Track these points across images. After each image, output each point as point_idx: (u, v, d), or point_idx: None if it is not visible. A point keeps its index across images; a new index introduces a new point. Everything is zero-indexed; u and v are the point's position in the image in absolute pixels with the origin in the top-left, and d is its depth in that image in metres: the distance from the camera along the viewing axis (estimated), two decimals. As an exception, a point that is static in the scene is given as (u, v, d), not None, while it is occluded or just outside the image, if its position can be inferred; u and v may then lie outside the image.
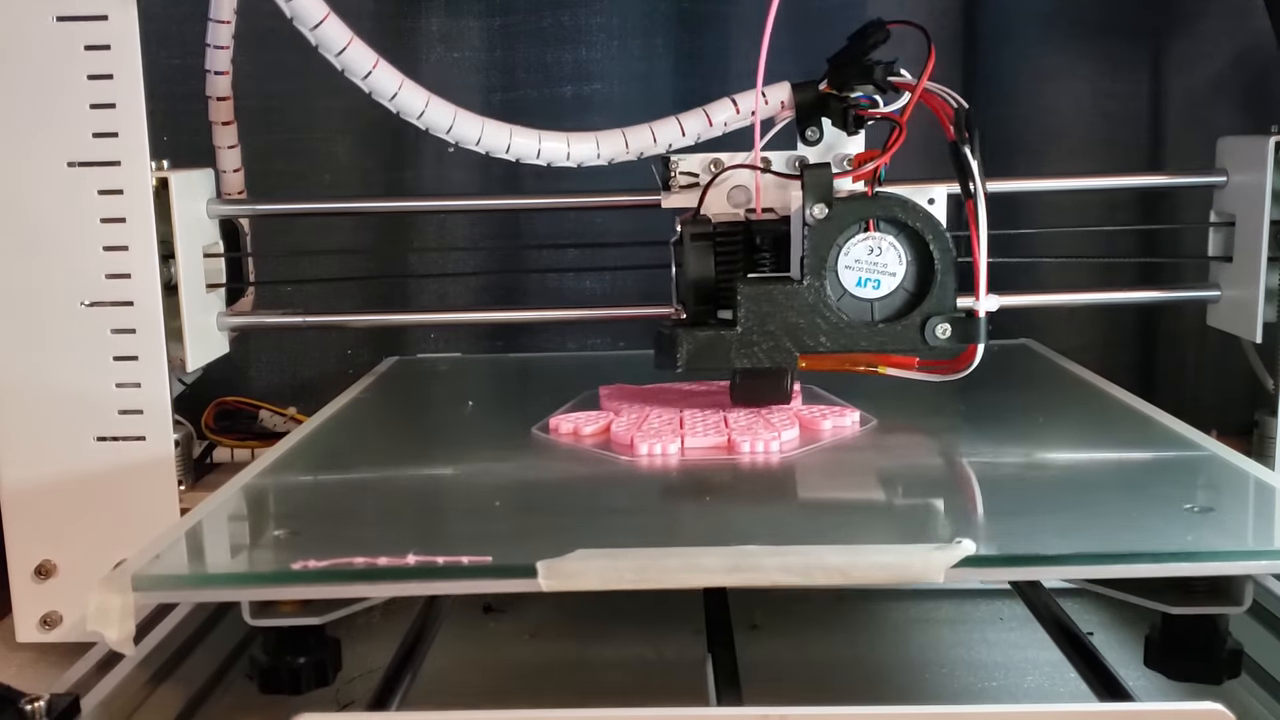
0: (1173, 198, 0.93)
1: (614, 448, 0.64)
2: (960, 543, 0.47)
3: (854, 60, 0.65)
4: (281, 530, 0.54)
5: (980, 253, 0.61)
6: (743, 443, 0.63)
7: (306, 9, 0.63)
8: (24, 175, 0.68)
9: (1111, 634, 0.71)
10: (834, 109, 0.66)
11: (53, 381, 0.70)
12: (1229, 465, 0.59)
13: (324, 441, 0.69)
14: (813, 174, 0.62)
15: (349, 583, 0.48)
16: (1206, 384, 0.97)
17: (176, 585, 0.50)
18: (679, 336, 0.63)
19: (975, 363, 0.63)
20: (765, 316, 0.63)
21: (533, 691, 0.67)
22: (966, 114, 0.62)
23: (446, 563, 0.48)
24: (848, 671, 0.68)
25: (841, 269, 0.63)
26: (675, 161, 0.69)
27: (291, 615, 0.51)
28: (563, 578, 0.47)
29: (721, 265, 0.65)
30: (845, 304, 0.63)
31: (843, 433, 0.66)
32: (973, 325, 0.62)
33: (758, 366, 0.63)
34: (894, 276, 0.63)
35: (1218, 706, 0.40)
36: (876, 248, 0.63)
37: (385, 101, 0.66)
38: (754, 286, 0.63)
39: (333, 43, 0.64)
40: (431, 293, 1.00)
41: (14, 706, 0.45)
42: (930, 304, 0.63)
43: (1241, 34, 0.94)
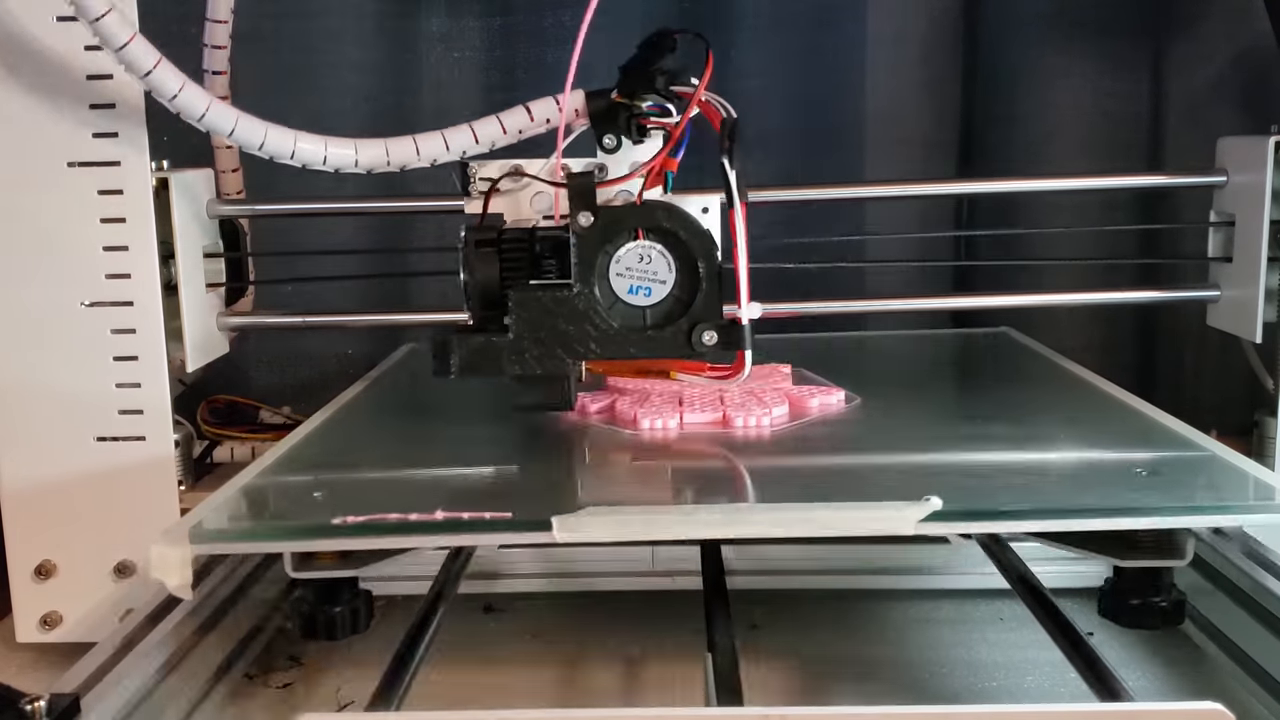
0: (1173, 198, 0.94)
1: (619, 423, 0.69)
2: (929, 499, 0.52)
3: (640, 69, 0.65)
4: (319, 491, 0.58)
5: (741, 261, 0.62)
6: (736, 418, 0.68)
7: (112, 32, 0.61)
8: (24, 175, 0.68)
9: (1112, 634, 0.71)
10: (620, 117, 0.66)
11: (53, 381, 0.70)
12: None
13: (352, 418, 0.74)
14: (577, 182, 0.63)
15: (384, 535, 0.53)
16: (1206, 384, 0.97)
17: (228, 538, 0.56)
18: (452, 343, 0.63)
19: (746, 369, 0.64)
20: (537, 323, 0.63)
21: (533, 691, 0.67)
22: (732, 123, 0.62)
23: (471, 517, 0.53)
24: (848, 671, 0.68)
25: (613, 276, 0.64)
26: (474, 168, 0.69)
27: (330, 567, 0.56)
28: (574, 530, 0.51)
29: (507, 272, 0.65)
30: (617, 311, 0.64)
31: (829, 410, 0.70)
32: (737, 332, 0.63)
33: (529, 373, 0.64)
34: (664, 284, 0.64)
35: (1217, 706, 0.41)
36: (646, 255, 0.63)
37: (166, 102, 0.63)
38: (524, 293, 0.63)
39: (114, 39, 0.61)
40: (431, 293, 1.00)
41: (14, 706, 0.45)
42: (697, 311, 0.63)
43: (1241, 34, 0.94)
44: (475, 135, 0.67)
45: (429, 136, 0.67)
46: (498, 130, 0.67)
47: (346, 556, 0.56)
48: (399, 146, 0.67)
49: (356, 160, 0.66)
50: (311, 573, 0.56)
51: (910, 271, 0.98)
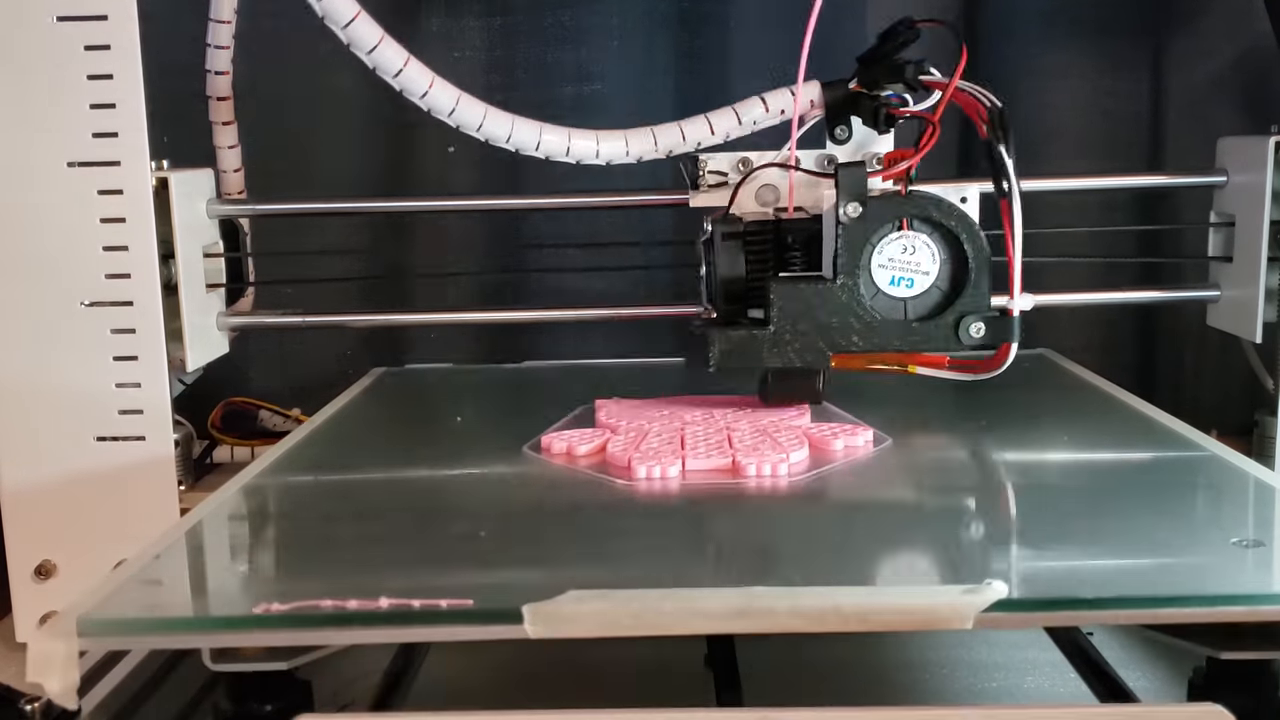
0: (1173, 198, 0.93)
1: (610, 470, 0.61)
2: (990, 584, 0.44)
3: (884, 59, 0.65)
4: (245, 565, 0.51)
5: (1015, 252, 0.61)
6: (748, 465, 0.59)
7: (338, 8, 0.65)
8: (24, 175, 0.68)
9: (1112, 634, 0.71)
10: (865, 108, 0.66)
11: (53, 381, 0.70)
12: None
13: (304, 457, 0.67)
14: (847, 172, 0.62)
15: (315, 629, 0.44)
16: (1206, 384, 0.97)
17: (126, 631, 0.45)
18: (712, 335, 0.63)
19: (1008, 362, 0.63)
20: (798, 316, 0.62)
21: (533, 691, 0.67)
22: (1000, 112, 0.62)
23: (423, 606, 0.44)
24: (848, 671, 0.68)
25: (875, 268, 0.63)
26: (704, 160, 0.69)
27: (256, 659, 0.47)
28: (552, 623, 0.43)
29: (752, 264, 0.65)
30: (878, 303, 0.63)
31: (855, 453, 0.63)
32: (1006, 324, 0.63)
33: (789, 366, 0.63)
34: (927, 275, 0.63)
35: (1217, 707, 0.40)
36: (910, 246, 0.62)
37: (417, 99, 0.66)
38: (787, 285, 0.63)
39: (364, 41, 0.66)
40: (431, 293, 1.00)
41: (14, 706, 0.45)
42: (964, 303, 0.63)
43: (1241, 34, 0.94)
44: (711, 126, 0.68)
45: (666, 128, 0.68)
46: (734, 121, 0.68)
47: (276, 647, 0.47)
48: (638, 138, 0.68)
49: (598, 151, 0.68)
50: (232, 665, 0.47)
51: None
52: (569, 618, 0.43)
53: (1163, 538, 0.51)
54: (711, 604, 0.44)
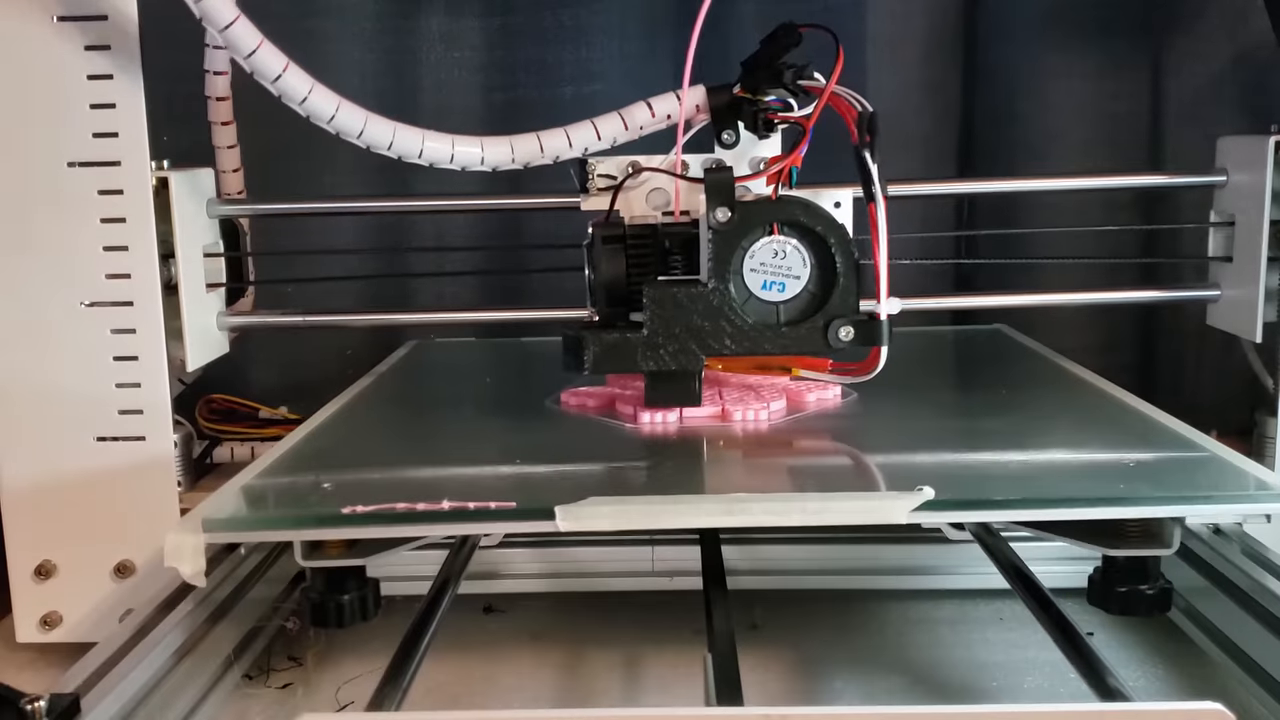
0: (1173, 198, 0.93)
1: (620, 417, 0.69)
2: (921, 489, 0.53)
3: (764, 64, 0.65)
4: (329, 482, 0.59)
5: (881, 256, 0.62)
6: (735, 412, 0.68)
7: (217, 10, 0.62)
8: (24, 175, 0.68)
9: (1112, 634, 0.71)
10: (745, 113, 0.66)
11: (53, 381, 0.70)
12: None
13: (361, 411, 0.75)
14: (714, 178, 0.63)
15: (392, 524, 0.54)
16: (1206, 384, 0.97)
17: (242, 527, 0.57)
18: (585, 339, 0.64)
19: (880, 365, 0.65)
20: (671, 319, 0.63)
21: (533, 691, 0.67)
22: (870, 117, 0.62)
23: (477, 507, 0.54)
24: (848, 671, 0.68)
25: (747, 272, 0.63)
26: (593, 164, 0.69)
27: (338, 556, 0.57)
28: (578, 520, 0.52)
29: (633, 268, 0.65)
30: (750, 306, 0.64)
31: (826, 404, 0.71)
32: (875, 328, 0.63)
33: (663, 369, 0.64)
34: (798, 279, 0.64)
35: (1217, 706, 0.41)
36: (780, 251, 0.63)
37: (295, 105, 0.65)
38: (659, 289, 0.64)
39: (243, 45, 0.63)
40: (431, 292, 1.00)
41: (14, 706, 0.45)
42: (833, 307, 0.63)
43: (1241, 34, 0.94)
44: (598, 131, 0.67)
45: (553, 133, 0.68)
46: (620, 126, 0.67)
47: (354, 546, 0.57)
48: (523, 144, 0.67)
49: (483, 158, 0.67)
50: (320, 561, 0.57)
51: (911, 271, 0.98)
52: (590, 515, 0.53)
53: (1070, 462, 0.61)
54: (703, 506, 0.55)
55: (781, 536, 0.75)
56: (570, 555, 0.76)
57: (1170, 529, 0.57)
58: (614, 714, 0.51)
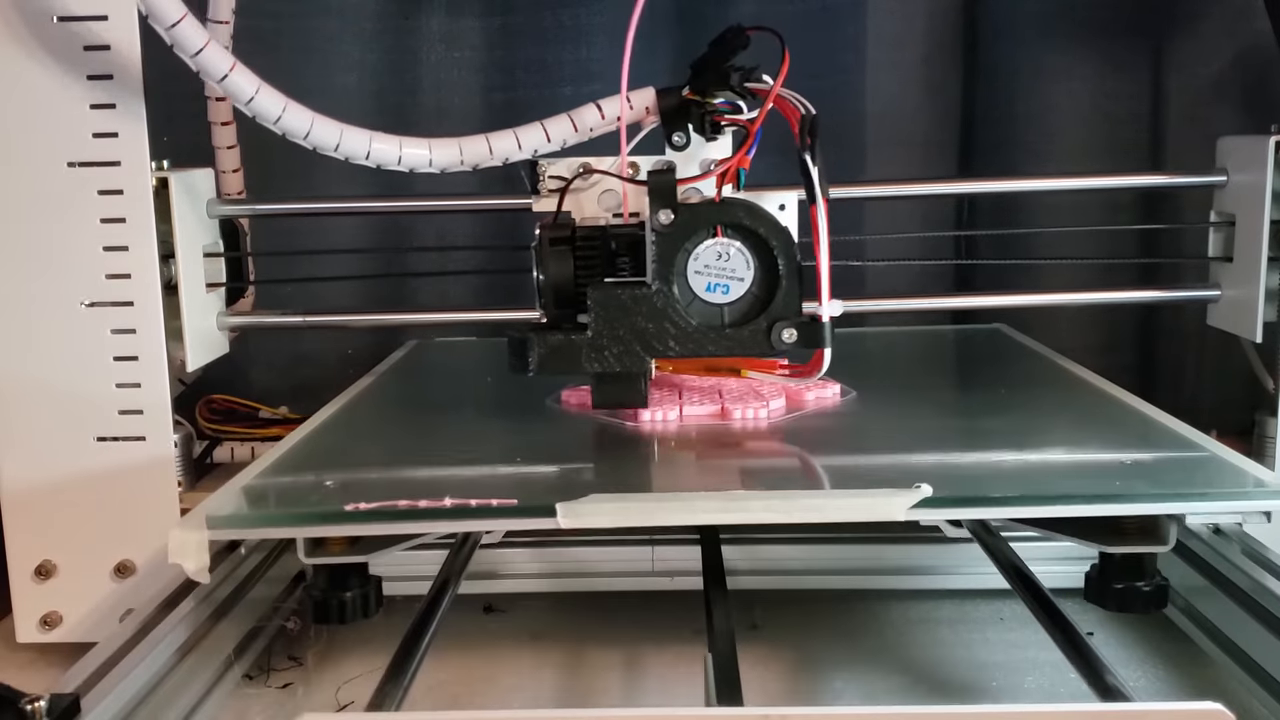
0: (1173, 198, 0.94)
1: (620, 415, 0.69)
2: (919, 486, 0.53)
3: (713, 66, 0.65)
4: (331, 480, 0.59)
5: (822, 258, 0.62)
6: (735, 410, 0.69)
7: (163, 9, 0.61)
8: (24, 175, 0.68)
9: (1112, 634, 0.71)
10: (694, 115, 0.66)
11: (53, 381, 0.70)
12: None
13: (361, 411, 0.76)
14: (657, 180, 0.63)
15: (394, 521, 0.55)
16: (1206, 384, 0.97)
17: (244, 524, 0.58)
18: (530, 340, 0.64)
19: (824, 367, 0.65)
20: (616, 321, 0.63)
21: (533, 691, 0.67)
22: (812, 120, 0.62)
23: (478, 504, 0.54)
24: (848, 671, 0.68)
25: (691, 274, 0.64)
26: (544, 165, 0.69)
27: (340, 553, 0.57)
28: (578, 517, 0.53)
29: (580, 269, 0.65)
30: (695, 308, 0.64)
31: (825, 403, 0.72)
32: (817, 330, 0.63)
33: (608, 371, 0.64)
34: (742, 281, 0.64)
35: (1217, 706, 0.41)
36: (724, 253, 0.63)
37: (242, 106, 0.64)
38: (605, 291, 0.64)
39: (189, 44, 0.62)
40: (431, 292, 1.00)
41: (14, 706, 0.45)
42: (776, 309, 0.63)
43: (1241, 34, 0.94)
44: (547, 133, 0.67)
45: (501, 135, 0.67)
46: (569, 128, 0.67)
47: (356, 543, 0.58)
48: (472, 145, 0.67)
49: (431, 160, 0.67)
50: (323, 558, 0.58)
51: (911, 271, 0.98)
52: (591, 512, 0.53)
53: (1068, 460, 0.61)
54: (702, 503, 0.55)
55: (781, 536, 0.75)
56: (570, 555, 0.76)
57: (1167, 526, 0.57)
58: (614, 714, 0.51)
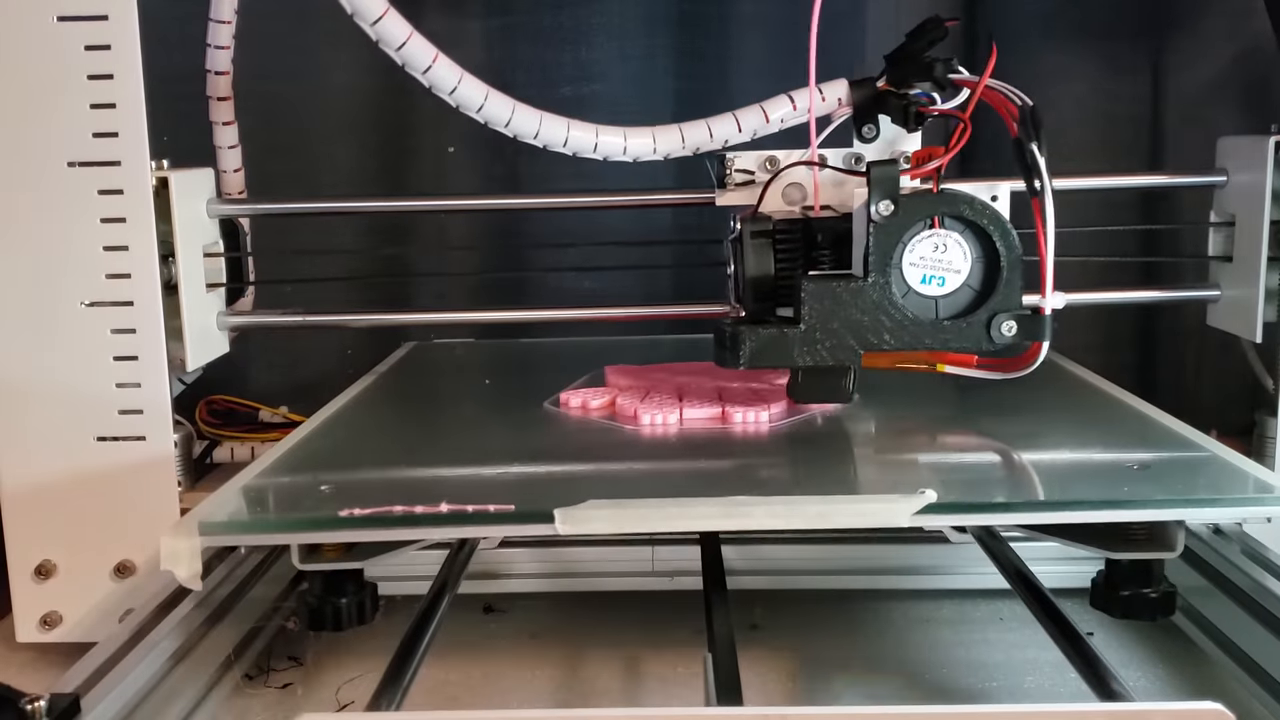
0: (1173, 198, 0.93)
1: (619, 419, 0.70)
2: (923, 492, 0.53)
3: (913, 57, 0.64)
4: (326, 485, 0.59)
5: (1047, 250, 0.61)
6: (735, 414, 0.69)
7: (367, 5, 0.65)
8: (24, 175, 0.68)
9: (1112, 634, 0.71)
10: (894, 106, 0.65)
11: (53, 381, 0.70)
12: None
13: (357, 413, 0.75)
14: (880, 170, 0.62)
15: (390, 528, 0.54)
16: (1206, 384, 0.97)
17: (238, 530, 0.57)
18: (742, 334, 0.63)
19: (1039, 360, 0.63)
20: (829, 314, 0.62)
21: (533, 692, 0.67)
22: (1031, 111, 0.62)
23: (475, 510, 0.54)
24: (848, 671, 0.68)
25: (906, 266, 0.62)
26: (731, 159, 0.69)
27: (335, 560, 0.57)
28: (577, 523, 0.52)
29: (781, 263, 0.65)
30: (910, 301, 0.63)
31: (827, 407, 0.71)
32: (1038, 323, 0.62)
33: (820, 364, 0.63)
34: (959, 274, 0.63)
35: (1217, 706, 0.41)
36: (942, 244, 0.62)
37: (445, 95, 0.67)
38: (818, 283, 0.63)
39: (393, 38, 0.66)
40: (431, 292, 1.00)
41: (14, 706, 0.45)
42: (996, 301, 0.62)
43: (1241, 34, 0.94)
44: (739, 124, 0.68)
45: (694, 125, 0.68)
46: (761, 119, 0.68)
47: (352, 549, 0.57)
48: (666, 135, 0.69)
49: (626, 148, 0.69)
50: (318, 565, 0.57)
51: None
52: (590, 518, 0.53)
53: (1072, 463, 0.61)
54: (702, 509, 0.54)
55: (782, 537, 0.75)
56: (570, 555, 0.76)
57: (1175, 532, 0.57)
58: (614, 714, 0.51)
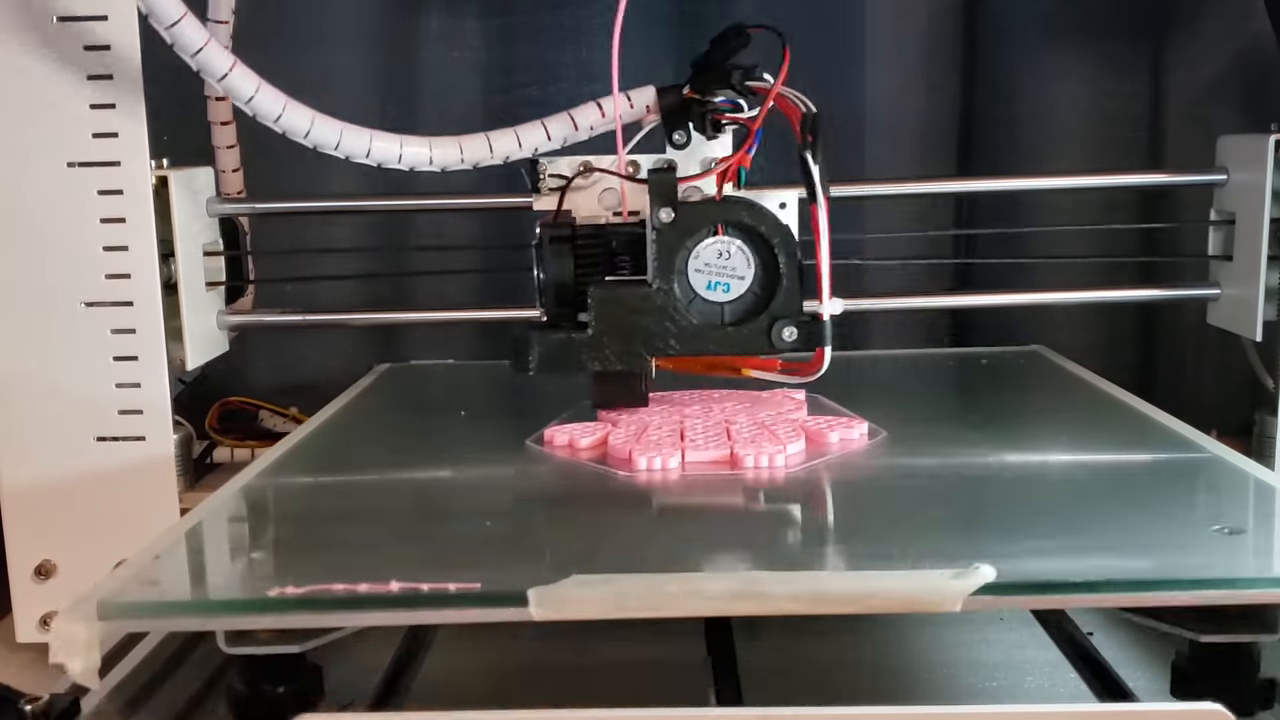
0: (1173, 197, 0.94)
1: (611, 461, 0.63)
2: (978, 568, 0.45)
3: (713, 65, 0.65)
4: (258, 552, 0.52)
5: (823, 257, 0.62)
6: (746, 457, 0.61)
7: (163, 8, 0.62)
8: (24, 175, 0.68)
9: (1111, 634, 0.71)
10: (695, 113, 0.66)
11: (53, 381, 0.70)
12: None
13: (312, 452, 0.68)
14: (657, 179, 0.63)
15: (327, 611, 0.46)
16: (1206, 384, 0.97)
17: (145, 614, 0.47)
18: (531, 339, 0.64)
19: (824, 366, 0.64)
20: (616, 319, 0.63)
21: (533, 692, 0.67)
22: (813, 118, 0.62)
23: (431, 590, 0.45)
24: (848, 671, 0.68)
25: (692, 272, 0.63)
26: (544, 164, 0.69)
27: (269, 642, 0.48)
28: (556, 606, 0.44)
29: (581, 268, 0.65)
30: (696, 307, 0.64)
31: (850, 445, 0.65)
32: (818, 329, 0.63)
33: (608, 370, 0.64)
34: (743, 280, 0.63)
35: (1218, 707, 0.40)
36: (725, 251, 0.63)
37: (242, 105, 0.65)
38: (605, 289, 0.63)
39: (189, 44, 0.63)
40: (431, 292, 1.00)
41: (14, 706, 0.45)
42: (777, 307, 0.63)
43: (1241, 34, 0.94)
44: (548, 132, 0.67)
45: (502, 134, 0.67)
46: (569, 127, 0.67)
47: (288, 630, 0.48)
48: (473, 144, 0.67)
49: (431, 158, 0.67)
50: (248, 648, 0.48)
51: (910, 271, 0.98)
52: (572, 601, 0.44)
53: (1146, 526, 0.53)
54: (710, 586, 0.45)
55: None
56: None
57: (1275, 611, 0.48)
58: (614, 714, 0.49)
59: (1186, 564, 0.48)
